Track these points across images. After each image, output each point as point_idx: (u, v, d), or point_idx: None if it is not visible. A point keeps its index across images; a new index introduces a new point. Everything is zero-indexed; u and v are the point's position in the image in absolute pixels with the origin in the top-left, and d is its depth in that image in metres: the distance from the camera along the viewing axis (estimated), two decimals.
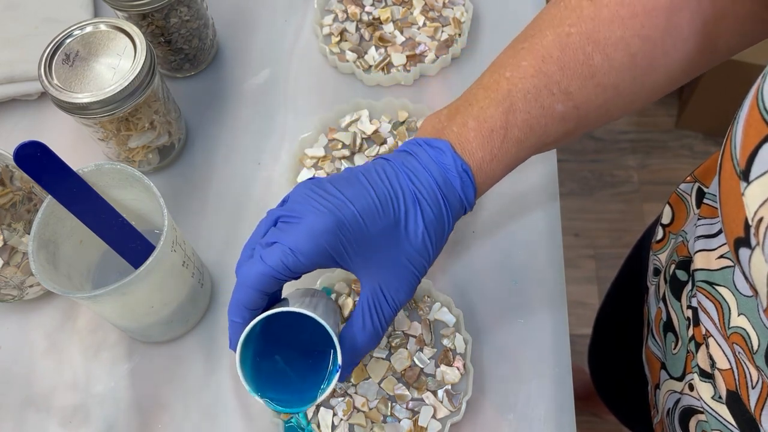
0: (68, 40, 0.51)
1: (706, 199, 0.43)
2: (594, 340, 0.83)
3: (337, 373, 0.36)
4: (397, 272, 0.37)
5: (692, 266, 0.41)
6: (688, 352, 0.43)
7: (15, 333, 0.53)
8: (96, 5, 0.67)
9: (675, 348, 0.45)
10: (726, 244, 0.37)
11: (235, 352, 0.35)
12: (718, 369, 0.38)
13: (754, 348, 0.34)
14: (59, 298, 0.54)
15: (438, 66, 0.62)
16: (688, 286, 0.43)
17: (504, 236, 0.55)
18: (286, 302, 0.37)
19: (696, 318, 0.41)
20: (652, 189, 1.47)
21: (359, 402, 0.47)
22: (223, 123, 0.62)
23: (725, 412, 0.38)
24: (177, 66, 0.63)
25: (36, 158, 0.40)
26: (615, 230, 1.43)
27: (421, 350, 0.49)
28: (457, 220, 0.40)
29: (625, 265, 0.72)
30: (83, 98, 0.48)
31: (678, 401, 0.45)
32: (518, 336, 0.51)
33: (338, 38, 0.63)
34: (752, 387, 0.35)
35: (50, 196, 0.44)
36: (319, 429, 0.47)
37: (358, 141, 0.57)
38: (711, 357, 0.38)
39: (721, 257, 0.38)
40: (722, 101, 1.38)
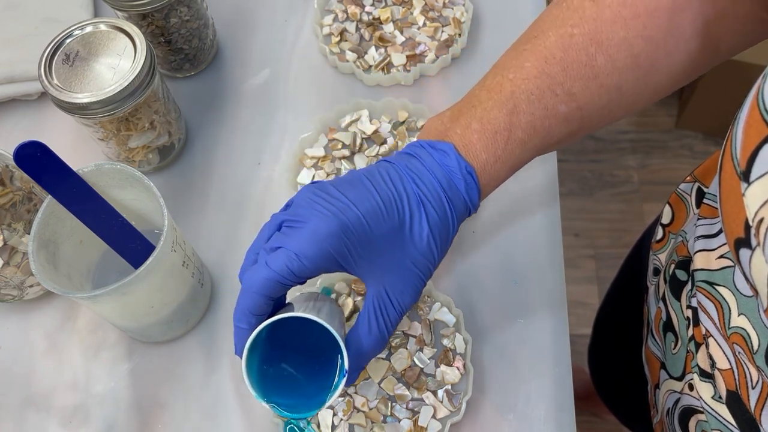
0: (68, 40, 0.51)
1: (706, 199, 0.43)
2: (594, 340, 0.83)
3: (344, 378, 0.35)
4: (402, 275, 0.37)
5: (692, 266, 0.41)
6: (688, 352, 0.43)
7: (15, 333, 0.53)
8: (96, 5, 0.67)
9: (675, 348, 0.45)
10: (726, 244, 0.37)
11: (242, 359, 0.35)
12: (718, 369, 0.38)
13: (755, 348, 0.34)
14: (59, 298, 0.54)
15: (438, 66, 0.62)
16: (688, 286, 0.43)
17: (504, 236, 0.55)
18: (291, 306, 0.37)
19: (696, 318, 0.41)
20: (652, 189, 1.47)
21: (359, 402, 0.47)
22: (223, 123, 0.62)
23: (725, 412, 0.38)
24: (177, 66, 0.63)
25: (36, 158, 0.40)
26: (615, 230, 1.43)
27: (421, 350, 0.49)
28: (461, 223, 0.40)
29: (625, 265, 0.72)
30: (83, 98, 0.48)
31: (678, 401, 0.45)
32: (518, 336, 0.51)
33: (338, 38, 0.63)
34: (752, 387, 0.35)
35: (50, 196, 0.44)
36: (319, 429, 0.47)
37: (358, 141, 0.57)
38: (711, 357, 0.38)
39: (721, 257, 0.38)
40: (722, 101, 1.38)
